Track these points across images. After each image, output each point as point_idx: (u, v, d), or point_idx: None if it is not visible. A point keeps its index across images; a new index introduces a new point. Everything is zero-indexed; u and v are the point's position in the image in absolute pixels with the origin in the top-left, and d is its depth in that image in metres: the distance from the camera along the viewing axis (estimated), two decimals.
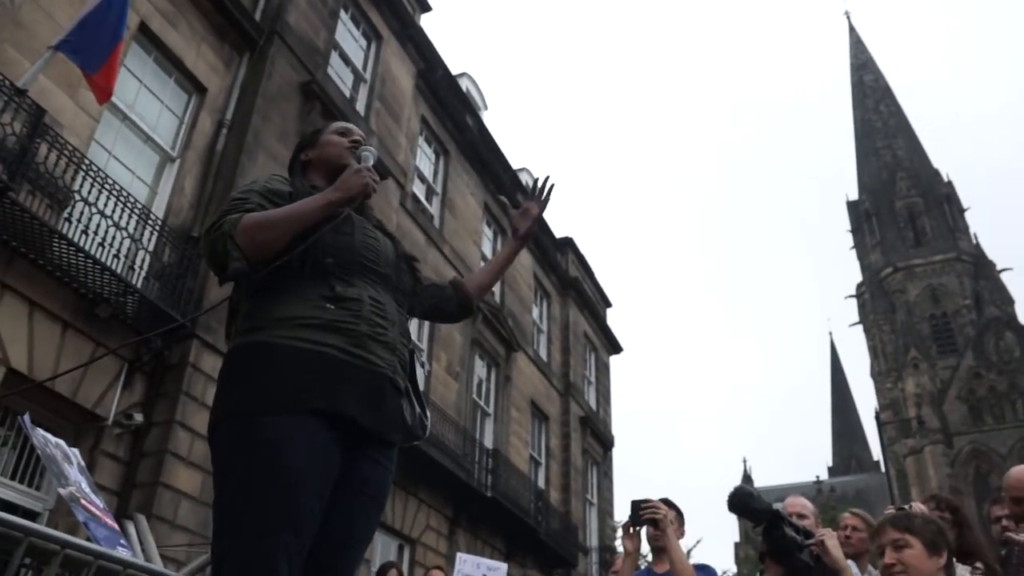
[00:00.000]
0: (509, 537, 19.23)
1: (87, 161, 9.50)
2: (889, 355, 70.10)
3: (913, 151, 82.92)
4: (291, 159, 2.85)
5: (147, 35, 11.32)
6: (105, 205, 9.56)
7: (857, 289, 79.62)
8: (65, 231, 9.06)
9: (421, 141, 19.20)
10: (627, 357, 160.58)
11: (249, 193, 2.41)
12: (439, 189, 19.69)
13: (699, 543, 35.99)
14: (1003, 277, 71.40)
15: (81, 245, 9.15)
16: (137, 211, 10.09)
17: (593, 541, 24.67)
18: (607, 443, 27.56)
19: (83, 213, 9.30)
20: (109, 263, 9.48)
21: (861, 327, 77.46)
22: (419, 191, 18.68)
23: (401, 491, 15.40)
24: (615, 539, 24.82)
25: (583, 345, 27.37)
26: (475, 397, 19.51)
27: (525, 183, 26.50)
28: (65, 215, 9.22)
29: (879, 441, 32.87)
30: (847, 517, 4.90)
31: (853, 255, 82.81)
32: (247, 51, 13.07)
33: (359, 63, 16.62)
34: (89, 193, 9.38)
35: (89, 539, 3.83)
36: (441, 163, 20.08)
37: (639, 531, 4.45)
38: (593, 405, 27.28)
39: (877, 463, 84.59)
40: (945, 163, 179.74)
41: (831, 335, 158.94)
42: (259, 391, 2.16)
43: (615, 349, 30.44)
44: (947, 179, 79.13)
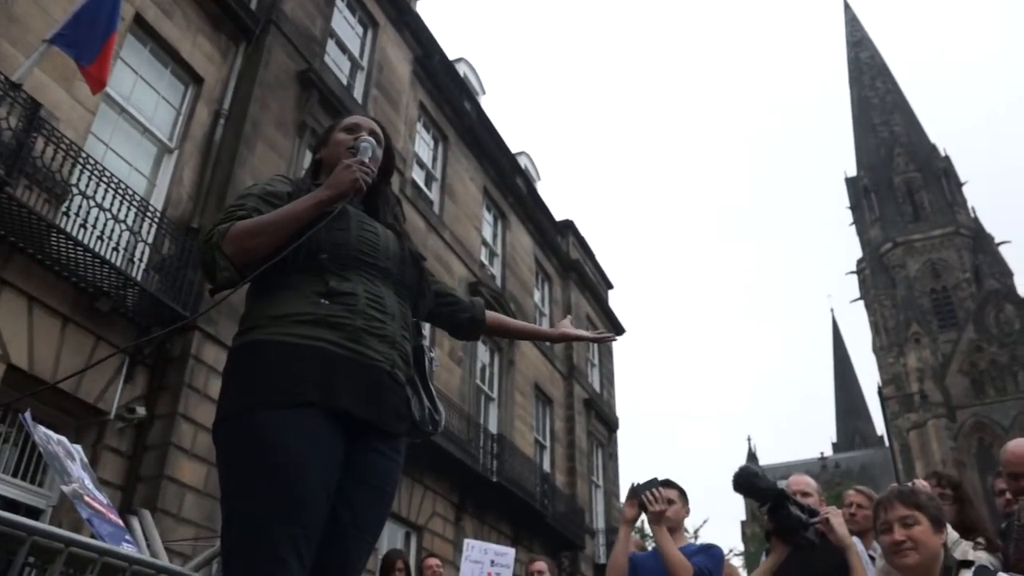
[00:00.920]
0: (516, 521, 19.25)
1: (84, 154, 9.46)
2: (891, 330, 70.20)
3: (910, 127, 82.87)
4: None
5: (142, 26, 11.25)
6: (103, 198, 9.52)
7: (857, 265, 79.66)
8: (63, 225, 9.02)
9: (419, 127, 19.12)
10: (630, 338, 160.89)
11: (246, 198, 2.42)
12: (438, 175, 19.62)
13: (706, 523, 36.22)
14: (1001, 250, 71.67)
15: (80, 239, 9.11)
16: (136, 203, 10.05)
17: (600, 523, 24.71)
18: (612, 425, 27.57)
19: (81, 207, 9.25)
20: (108, 256, 9.45)
21: (862, 303, 77.63)
22: (418, 177, 18.61)
23: (407, 478, 15.40)
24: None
25: (585, 327, 27.18)
26: (478, 382, 19.49)
27: (524, 167, 26.47)
28: (63, 209, 9.19)
29: (882, 416, 32.97)
30: (852, 494, 4.92)
31: (853, 231, 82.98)
32: (243, 41, 13.00)
33: (356, 50, 16.55)
34: (87, 186, 9.34)
35: (93, 536, 3.82)
36: (440, 149, 20.01)
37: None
38: (597, 387, 27.27)
39: (881, 438, 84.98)
40: (942, 138, 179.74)
41: (832, 312, 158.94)
42: (255, 388, 2.18)
43: (618, 331, 30.34)
44: (944, 154, 79.18)
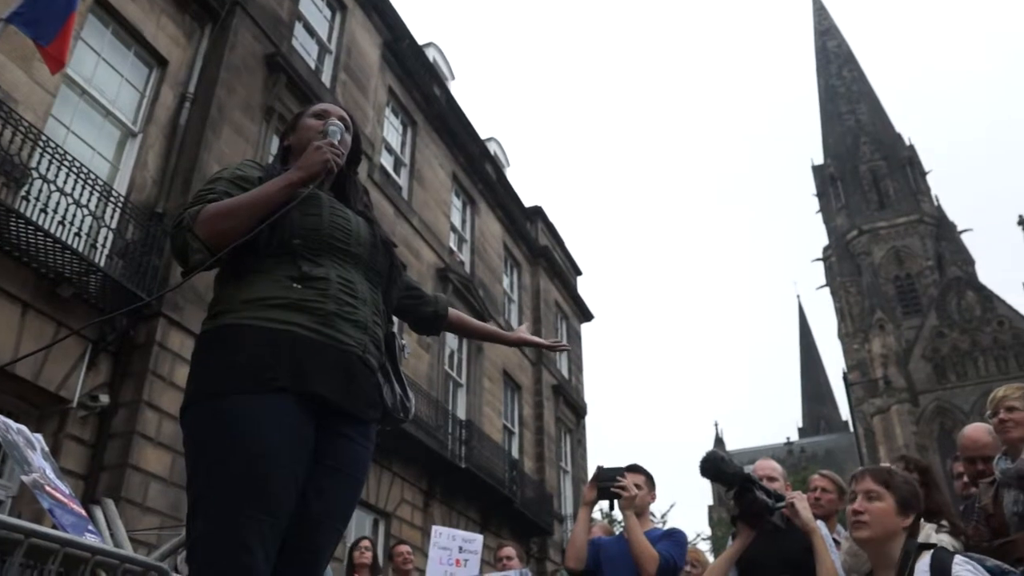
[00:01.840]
0: (484, 507, 19.28)
1: (44, 137, 9.29)
2: (856, 317, 70.97)
3: (876, 115, 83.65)
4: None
5: (104, 7, 11.05)
6: (65, 182, 9.36)
7: (824, 252, 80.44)
8: (23, 210, 8.86)
9: (388, 112, 18.99)
10: (598, 325, 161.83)
11: (216, 182, 2.41)
12: (407, 160, 19.51)
13: (672, 507, 36.47)
14: (964, 238, 72.68)
15: (40, 224, 8.94)
16: (98, 188, 9.89)
17: (568, 509, 24.79)
18: (580, 411, 27.67)
19: (41, 191, 9.09)
20: (70, 242, 9.30)
21: (828, 290, 78.34)
22: (387, 163, 18.51)
23: (375, 465, 15.34)
24: None
25: (554, 313, 27.36)
26: (447, 368, 19.45)
27: (494, 153, 26.42)
28: (23, 193, 9.01)
29: (847, 401, 33.39)
30: (816, 479, 5.00)
31: (819, 219, 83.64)
32: (209, 23, 12.82)
33: (324, 34, 16.41)
34: (47, 170, 9.18)
35: (55, 526, 3.75)
36: (409, 134, 19.89)
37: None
38: (565, 373, 27.33)
39: (846, 423, 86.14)
40: (907, 127, 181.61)
41: (799, 298, 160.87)
42: (225, 372, 2.16)
43: (586, 317, 30.50)
44: (909, 142, 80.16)
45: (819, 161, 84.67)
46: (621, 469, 4.54)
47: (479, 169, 23.26)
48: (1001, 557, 3.18)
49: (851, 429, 70.55)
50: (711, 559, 5.24)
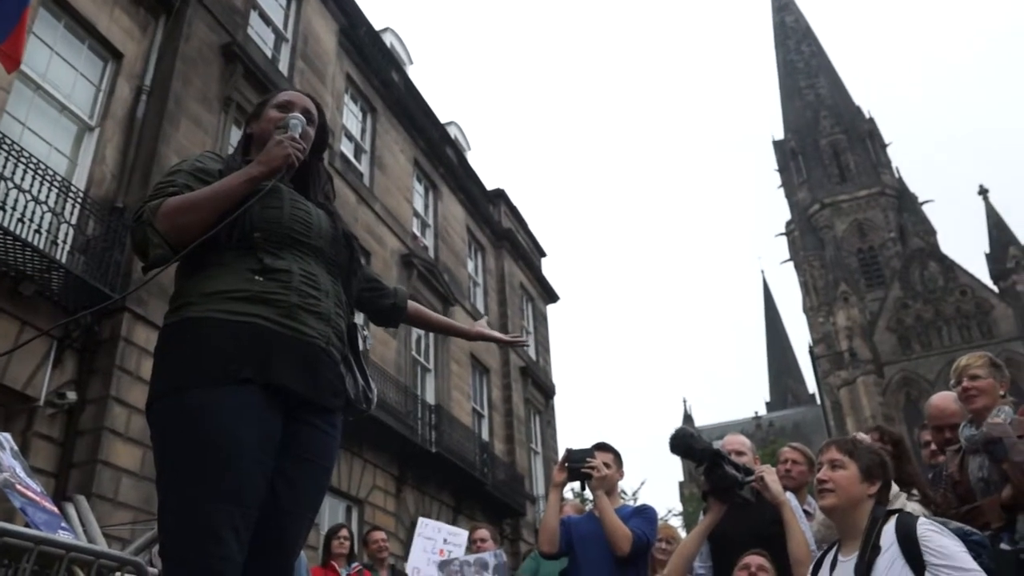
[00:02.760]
0: (456, 491, 19.36)
1: (0, 134, 9.18)
2: (820, 290, 71.35)
3: (835, 89, 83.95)
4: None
5: (56, 1, 10.91)
6: (22, 179, 9.26)
7: (786, 227, 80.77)
8: None
9: (347, 99, 18.92)
10: (565, 306, 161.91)
11: (176, 175, 2.39)
12: (367, 147, 19.43)
13: (643, 484, 36.69)
14: (925, 209, 72.98)
15: None
16: (56, 184, 9.80)
17: (540, 490, 24.91)
18: (548, 392, 27.78)
19: None
20: (30, 239, 9.22)
21: (792, 264, 78.77)
22: (347, 150, 18.44)
23: (346, 452, 15.37)
24: None
25: (519, 296, 27.42)
26: (414, 354, 19.46)
27: (454, 137, 26.36)
28: None
29: (814, 374, 33.83)
30: (786, 451, 5.06)
31: (781, 194, 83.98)
32: (163, 14, 12.68)
33: (280, 22, 16.28)
34: (4, 167, 9.08)
35: (28, 525, 3.77)
36: (369, 121, 19.82)
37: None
38: (533, 355, 27.41)
39: (813, 396, 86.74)
40: (867, 100, 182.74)
41: (763, 273, 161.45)
42: (189, 365, 2.17)
43: (552, 298, 30.57)
44: (869, 115, 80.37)
45: (780, 136, 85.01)
46: (590, 450, 4.54)
47: (440, 153, 23.21)
48: (968, 523, 3.25)
49: (818, 402, 71.18)
50: (684, 535, 5.32)
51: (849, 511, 3.07)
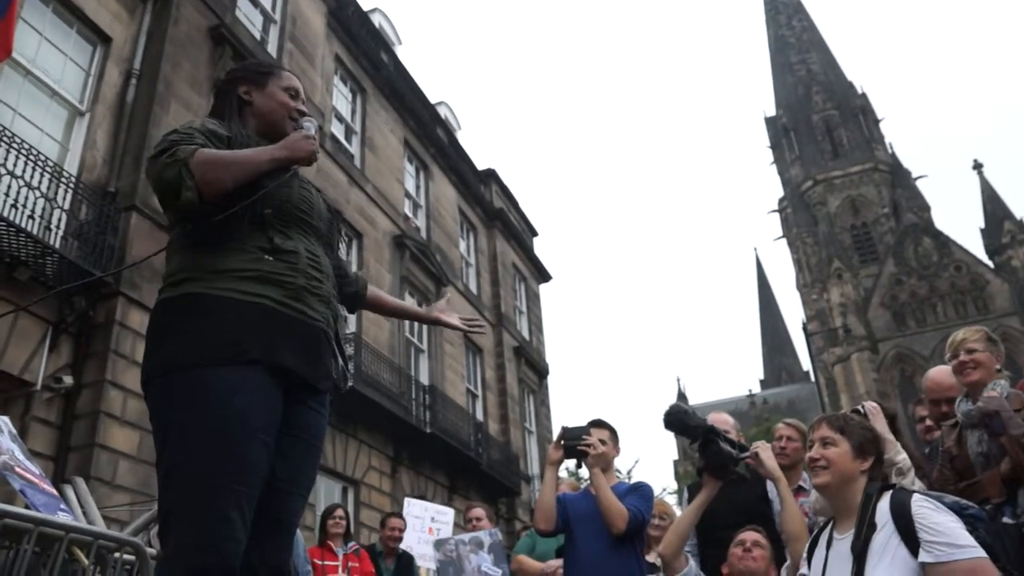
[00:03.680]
0: (451, 471, 19.45)
1: None
2: (813, 267, 71.28)
3: (827, 65, 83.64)
4: (223, 90, 2.70)
5: None
6: (15, 165, 9.27)
7: (779, 204, 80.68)
8: None
9: (336, 80, 18.87)
10: (558, 285, 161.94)
11: (192, 131, 2.35)
12: (358, 128, 19.40)
13: (637, 463, 36.75)
14: (918, 184, 72.92)
15: None
16: (49, 169, 9.81)
17: (534, 469, 25.02)
18: (542, 371, 27.87)
19: None
20: (24, 224, 9.23)
21: (785, 241, 78.74)
22: (338, 131, 18.41)
23: (341, 433, 15.43)
24: None
25: (512, 275, 27.46)
26: (408, 335, 19.50)
27: (445, 117, 26.32)
28: None
29: (808, 351, 33.74)
30: (781, 428, 5.05)
31: (774, 171, 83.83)
32: None
33: (268, 4, 16.20)
34: None
35: (27, 507, 3.82)
36: (358, 102, 19.77)
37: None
38: (526, 335, 27.49)
39: (807, 373, 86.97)
40: (859, 75, 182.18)
41: (756, 251, 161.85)
42: (197, 342, 2.16)
43: (544, 278, 30.60)
44: (861, 91, 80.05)
45: (772, 113, 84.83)
46: (586, 427, 4.54)
47: (430, 134, 23.19)
48: (968, 498, 3.19)
49: (812, 379, 71.18)
50: (679, 512, 5.37)
51: (842, 488, 3.05)
